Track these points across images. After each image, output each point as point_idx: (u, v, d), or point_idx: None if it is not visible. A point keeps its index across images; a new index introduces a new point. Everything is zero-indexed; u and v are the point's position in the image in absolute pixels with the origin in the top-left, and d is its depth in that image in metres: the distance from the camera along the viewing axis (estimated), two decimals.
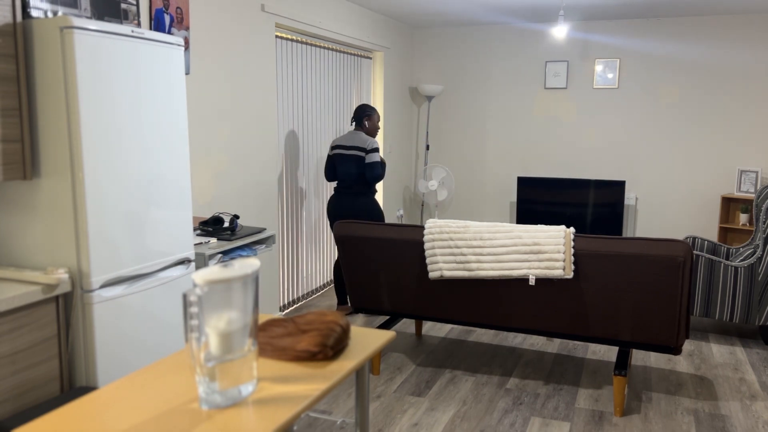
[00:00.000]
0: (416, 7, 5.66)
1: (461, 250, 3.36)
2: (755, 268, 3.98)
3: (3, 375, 2.18)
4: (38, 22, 2.31)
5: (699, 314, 4.18)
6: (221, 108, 3.95)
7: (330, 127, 5.42)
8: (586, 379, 3.67)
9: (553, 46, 6.41)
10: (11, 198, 2.46)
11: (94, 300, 2.40)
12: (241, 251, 3.42)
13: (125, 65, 2.48)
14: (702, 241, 4.81)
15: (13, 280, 2.34)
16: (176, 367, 1.77)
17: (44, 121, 2.35)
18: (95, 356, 2.42)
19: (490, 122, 6.75)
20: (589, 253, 3.19)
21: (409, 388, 3.52)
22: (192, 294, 1.48)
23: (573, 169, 6.50)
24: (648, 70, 6.10)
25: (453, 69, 6.82)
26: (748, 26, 5.73)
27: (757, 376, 3.75)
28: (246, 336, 1.57)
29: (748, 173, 5.77)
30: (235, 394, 1.57)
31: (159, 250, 2.71)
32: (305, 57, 4.95)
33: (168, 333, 2.79)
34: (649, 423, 3.15)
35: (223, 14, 3.89)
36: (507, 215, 6.82)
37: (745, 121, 5.84)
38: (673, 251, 3.03)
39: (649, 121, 6.16)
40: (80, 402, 1.56)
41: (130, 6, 3.14)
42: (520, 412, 3.25)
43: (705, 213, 6.09)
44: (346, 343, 1.94)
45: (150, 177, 2.64)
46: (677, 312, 3.10)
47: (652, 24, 6.03)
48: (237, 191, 4.15)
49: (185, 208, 2.85)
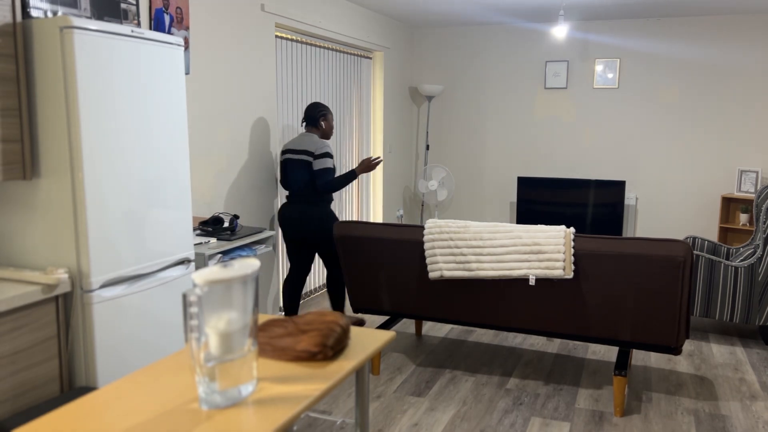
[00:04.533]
0: (416, 7, 5.66)
1: (461, 250, 3.36)
2: (755, 268, 3.98)
3: (3, 375, 2.18)
4: (38, 22, 2.31)
5: (699, 314, 4.18)
6: (221, 108, 3.94)
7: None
8: (586, 379, 3.67)
9: (553, 46, 6.41)
10: (11, 198, 2.46)
11: (94, 300, 2.40)
12: (240, 251, 3.42)
13: (125, 65, 2.48)
14: (702, 241, 4.81)
15: (13, 280, 2.34)
16: (176, 367, 1.77)
17: (44, 121, 2.35)
18: (95, 356, 2.42)
19: (490, 122, 6.75)
20: (589, 253, 3.19)
21: (409, 388, 3.52)
22: (192, 294, 1.48)
23: (573, 169, 6.50)
24: (648, 70, 6.10)
25: (453, 69, 6.82)
26: (748, 26, 5.72)
27: (757, 376, 3.75)
28: (246, 336, 1.57)
29: (748, 173, 5.77)
30: (235, 394, 1.57)
31: (159, 250, 2.71)
32: (305, 57, 4.95)
33: (168, 333, 2.79)
34: (649, 423, 3.14)
35: (223, 14, 3.89)
36: (507, 215, 6.82)
37: (745, 121, 5.83)
38: (673, 251, 3.03)
39: (649, 121, 6.16)
40: (80, 402, 1.56)
41: (130, 6, 3.14)
42: (520, 412, 3.25)
43: (705, 213, 6.09)
44: (346, 343, 1.94)
45: (150, 177, 2.64)
46: (677, 312, 3.10)
47: (652, 24, 6.03)
48: (237, 191, 4.15)
49: (185, 208, 2.85)
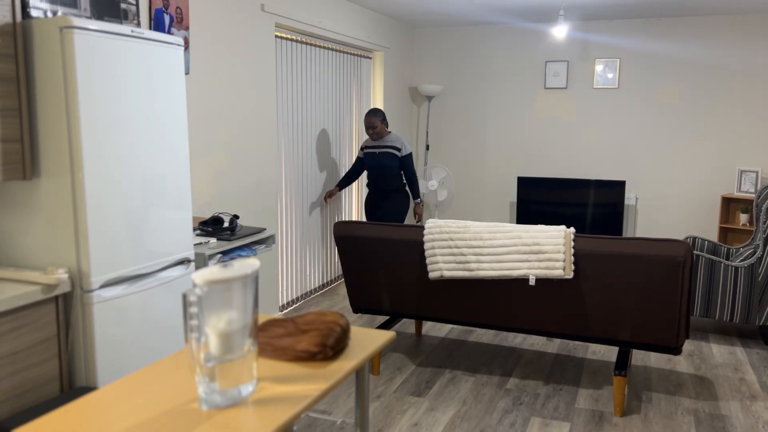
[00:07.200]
0: (416, 7, 5.66)
1: (461, 250, 3.36)
2: (755, 268, 3.98)
3: (3, 375, 2.18)
4: (38, 22, 2.31)
5: (699, 314, 4.18)
6: (221, 108, 3.94)
7: (330, 127, 5.41)
8: (586, 379, 3.67)
9: (553, 46, 6.41)
10: (11, 198, 2.46)
11: (94, 300, 2.40)
12: (241, 251, 3.42)
13: (125, 65, 2.48)
14: (702, 241, 4.81)
15: (13, 280, 2.34)
16: (176, 367, 1.77)
17: (44, 121, 2.35)
18: (95, 356, 2.42)
19: (490, 122, 6.75)
20: (589, 253, 3.19)
21: (409, 388, 3.52)
22: (192, 294, 1.48)
23: (573, 169, 6.50)
24: (648, 70, 6.10)
25: (453, 69, 6.82)
26: (748, 26, 5.72)
27: (757, 376, 3.75)
28: (246, 336, 1.57)
29: (748, 173, 5.77)
30: (234, 394, 1.57)
31: (159, 250, 2.71)
32: (305, 57, 4.95)
33: (168, 333, 2.79)
34: (649, 423, 3.14)
35: (222, 14, 3.89)
36: (507, 215, 6.82)
37: (745, 121, 5.83)
38: (673, 251, 3.03)
39: (649, 121, 6.16)
40: (80, 402, 1.56)
41: (130, 6, 3.14)
42: (520, 412, 3.25)
43: (705, 213, 6.09)
44: (346, 343, 1.94)
45: (150, 177, 2.64)
46: (677, 312, 3.10)
47: (652, 24, 6.03)
48: (237, 191, 4.15)
49: (185, 208, 2.85)
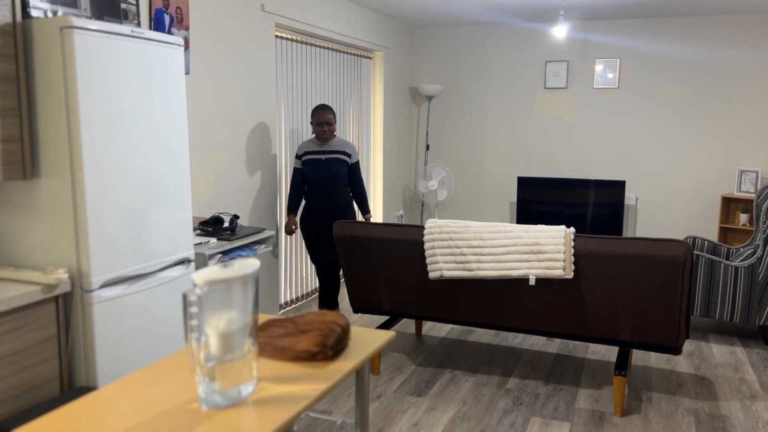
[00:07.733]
0: (416, 7, 5.66)
1: (461, 250, 3.36)
2: (755, 268, 3.98)
3: (3, 375, 2.18)
4: (38, 22, 2.31)
5: (699, 314, 4.18)
6: (221, 108, 3.94)
7: None
8: (586, 379, 3.67)
9: (553, 46, 6.41)
10: (11, 198, 2.46)
11: (94, 300, 2.40)
12: (241, 251, 3.42)
13: (125, 65, 2.48)
14: (702, 241, 4.81)
15: (13, 280, 2.34)
16: (176, 367, 1.77)
17: (44, 121, 2.35)
18: (95, 356, 2.42)
19: (490, 122, 6.75)
20: (589, 253, 3.19)
21: (409, 388, 3.52)
22: (192, 294, 1.48)
23: (573, 169, 6.50)
24: (648, 70, 6.10)
25: (453, 69, 6.82)
26: (748, 26, 5.72)
27: (757, 376, 3.75)
28: (246, 336, 1.57)
29: (748, 173, 5.77)
30: (234, 394, 1.57)
31: (159, 250, 2.71)
32: (305, 57, 4.95)
33: (168, 333, 2.79)
34: (649, 423, 3.14)
35: (222, 14, 3.89)
36: (507, 215, 6.82)
37: (745, 121, 5.83)
38: (673, 251, 3.03)
39: (649, 121, 6.16)
40: (80, 402, 1.56)
41: (130, 6, 3.14)
42: (520, 412, 3.25)
43: (705, 213, 6.09)
44: (346, 343, 1.94)
45: (150, 177, 2.64)
46: (677, 312, 3.10)
47: (652, 24, 6.03)
48: (237, 191, 4.15)
49: (185, 208, 2.85)
